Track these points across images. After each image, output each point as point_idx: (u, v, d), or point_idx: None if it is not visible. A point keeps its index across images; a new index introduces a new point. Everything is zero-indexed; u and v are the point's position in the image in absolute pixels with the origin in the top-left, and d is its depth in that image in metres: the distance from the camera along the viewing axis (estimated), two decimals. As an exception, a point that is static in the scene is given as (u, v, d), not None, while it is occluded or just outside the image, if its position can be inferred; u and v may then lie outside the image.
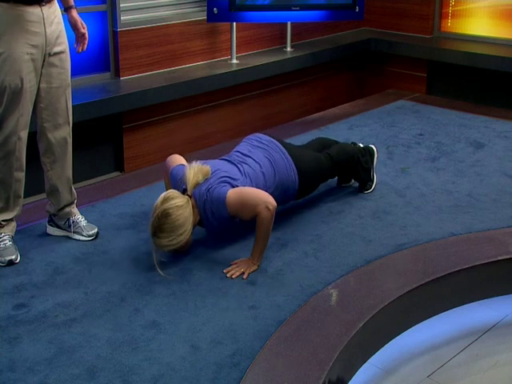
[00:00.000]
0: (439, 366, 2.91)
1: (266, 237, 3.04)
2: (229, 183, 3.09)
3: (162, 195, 2.98)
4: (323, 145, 3.71)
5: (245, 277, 2.99)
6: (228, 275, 3.00)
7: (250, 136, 3.51)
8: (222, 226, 3.15)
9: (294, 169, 3.35)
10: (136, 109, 4.81)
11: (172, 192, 3.01)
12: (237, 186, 3.09)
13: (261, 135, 3.49)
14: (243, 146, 3.41)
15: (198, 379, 2.39)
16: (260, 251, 3.06)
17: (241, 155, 3.32)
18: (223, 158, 3.32)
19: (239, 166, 3.22)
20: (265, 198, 3.00)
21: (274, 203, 3.00)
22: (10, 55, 2.93)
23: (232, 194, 3.03)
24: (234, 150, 3.41)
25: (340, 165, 3.61)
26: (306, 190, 3.51)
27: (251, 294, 2.89)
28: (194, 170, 3.08)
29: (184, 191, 3.06)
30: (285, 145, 3.44)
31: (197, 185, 3.08)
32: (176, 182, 3.18)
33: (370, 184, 3.83)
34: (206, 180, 3.09)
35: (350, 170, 3.74)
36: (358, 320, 2.68)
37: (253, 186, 3.15)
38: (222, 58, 5.57)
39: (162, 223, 2.91)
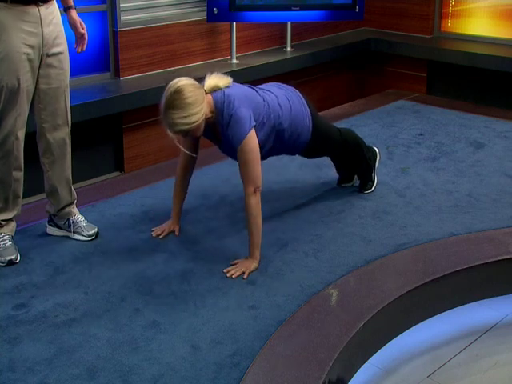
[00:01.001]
0: (439, 366, 2.91)
1: (257, 224, 3.04)
2: (248, 106, 3.06)
3: (177, 78, 2.98)
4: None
5: (245, 277, 2.99)
6: (228, 275, 3.00)
7: (271, 82, 3.53)
8: (230, 147, 3.11)
9: (310, 117, 3.37)
10: (136, 109, 4.80)
11: (187, 78, 3.01)
12: (256, 109, 3.09)
13: (282, 84, 3.51)
14: (263, 85, 3.42)
15: (197, 379, 2.39)
16: (256, 244, 3.06)
17: (259, 88, 3.33)
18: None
19: (259, 91, 3.24)
20: (257, 180, 3.02)
21: (261, 187, 3.03)
22: (6, 55, 2.93)
23: (248, 141, 3.00)
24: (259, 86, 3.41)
25: (347, 143, 3.62)
26: (314, 148, 3.49)
27: (251, 293, 2.89)
28: (215, 75, 3.11)
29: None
30: (305, 97, 3.45)
31: (215, 87, 3.07)
32: None
33: (371, 184, 3.83)
34: (227, 88, 3.09)
35: (353, 157, 3.72)
36: (358, 320, 2.68)
37: (269, 112, 3.17)
38: (222, 58, 5.57)
39: (174, 99, 2.89)
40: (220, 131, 3.10)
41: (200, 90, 2.97)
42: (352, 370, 2.68)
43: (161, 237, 3.32)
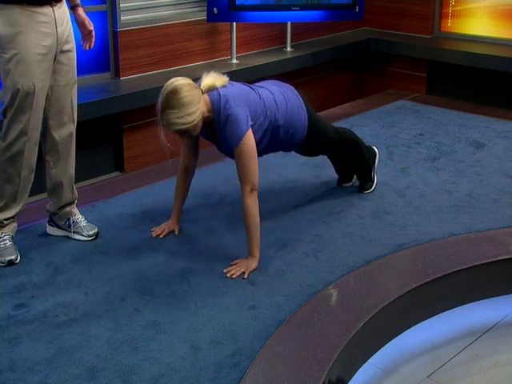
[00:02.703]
0: (439, 365, 2.91)
1: (255, 223, 3.04)
2: (245, 104, 3.07)
3: (173, 78, 2.99)
4: None
5: (245, 277, 2.99)
6: (228, 275, 3.00)
7: (267, 80, 3.53)
8: (228, 146, 3.12)
9: (305, 115, 3.36)
10: (136, 109, 4.80)
11: (184, 77, 3.02)
12: (253, 106, 3.10)
13: (279, 81, 3.51)
14: (260, 83, 3.43)
15: (198, 379, 2.39)
16: (255, 244, 3.06)
17: (256, 86, 3.33)
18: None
19: (255, 89, 3.24)
20: (255, 180, 3.03)
21: (257, 187, 3.04)
22: (23, 57, 2.93)
23: (246, 141, 3.01)
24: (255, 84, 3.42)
25: (344, 142, 3.62)
26: (310, 145, 3.49)
27: (251, 293, 2.89)
28: (212, 75, 3.11)
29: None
30: (301, 95, 3.45)
31: (212, 87, 3.07)
32: None
33: (370, 184, 3.83)
34: (223, 87, 3.09)
35: (352, 157, 3.73)
36: (358, 320, 2.68)
37: (266, 109, 3.17)
38: (222, 58, 5.57)
39: (170, 98, 2.91)
40: (217, 131, 3.10)
41: (196, 90, 2.98)
42: (352, 370, 2.68)
43: (161, 236, 3.32)
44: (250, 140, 3.04)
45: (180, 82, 2.95)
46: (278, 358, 2.49)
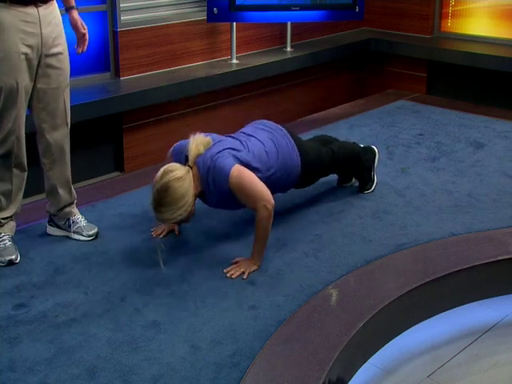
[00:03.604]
0: (439, 365, 2.91)
1: (265, 236, 3.05)
2: (232, 155, 3.08)
3: (162, 169, 2.98)
4: (325, 141, 3.71)
5: (245, 277, 2.99)
6: (228, 275, 3.00)
7: (256, 121, 3.53)
8: (222, 201, 3.14)
9: (297, 153, 3.35)
10: (136, 109, 4.80)
11: (171, 165, 3.01)
12: (241, 158, 3.09)
13: (266, 121, 3.50)
14: (247, 128, 3.43)
15: (198, 379, 2.39)
16: (260, 251, 3.06)
17: (244, 135, 3.33)
18: (227, 135, 3.33)
19: (243, 142, 3.23)
20: (265, 196, 3.00)
21: (273, 201, 3.01)
22: (5, 55, 2.93)
23: (236, 172, 3.01)
24: (238, 131, 3.41)
25: (341, 160, 3.62)
26: (307, 179, 3.50)
27: (251, 293, 2.89)
28: (197, 141, 3.10)
29: (186, 159, 3.07)
30: (289, 130, 3.44)
31: (198, 155, 3.08)
32: (177, 153, 3.19)
33: (371, 184, 3.83)
34: (208, 149, 3.10)
35: (350, 167, 3.74)
36: (358, 320, 2.68)
37: (256, 162, 3.15)
38: (222, 58, 5.57)
39: (162, 197, 2.91)
40: (206, 192, 3.11)
41: (186, 178, 2.97)
42: (352, 370, 2.68)
43: (160, 236, 3.32)
44: (238, 169, 3.02)
45: (171, 175, 2.93)
46: (278, 357, 2.49)
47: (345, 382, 2.60)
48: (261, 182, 3.06)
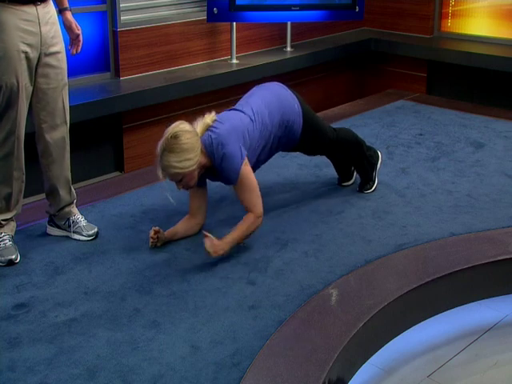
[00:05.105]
0: (439, 366, 2.91)
1: (246, 232, 3.14)
2: (237, 137, 3.13)
3: (176, 122, 3.08)
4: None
5: (211, 256, 3.03)
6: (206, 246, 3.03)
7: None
8: (223, 180, 3.24)
9: (299, 105, 3.42)
10: (136, 109, 4.80)
11: (183, 121, 3.10)
12: (245, 139, 3.17)
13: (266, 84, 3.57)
14: (247, 95, 3.48)
15: (198, 379, 2.39)
16: (233, 240, 3.10)
17: (244, 100, 3.40)
18: (231, 108, 3.38)
19: (244, 109, 3.28)
20: (258, 211, 3.15)
21: (262, 214, 3.17)
22: (5, 54, 2.93)
23: (242, 178, 3.12)
24: (243, 99, 3.46)
25: (342, 139, 3.64)
26: (308, 141, 3.51)
27: (251, 293, 2.89)
28: (202, 119, 3.19)
29: None
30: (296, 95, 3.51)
31: (207, 126, 3.15)
32: None
33: (371, 184, 3.83)
34: (213, 127, 3.15)
35: (351, 155, 3.73)
36: (358, 320, 2.68)
37: (261, 128, 3.25)
38: (222, 58, 5.57)
39: (171, 143, 2.99)
40: (216, 171, 3.18)
41: (196, 138, 3.07)
42: (352, 370, 2.68)
43: (158, 245, 3.26)
44: (246, 172, 3.14)
45: (182, 127, 3.04)
46: (278, 357, 2.49)
47: (345, 382, 2.60)
48: (259, 194, 3.18)
